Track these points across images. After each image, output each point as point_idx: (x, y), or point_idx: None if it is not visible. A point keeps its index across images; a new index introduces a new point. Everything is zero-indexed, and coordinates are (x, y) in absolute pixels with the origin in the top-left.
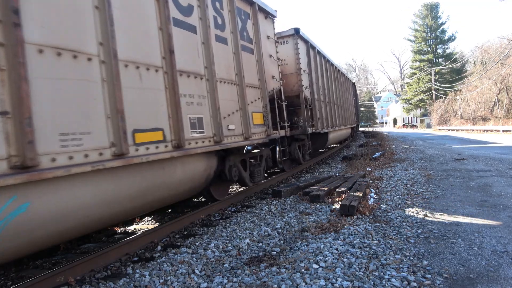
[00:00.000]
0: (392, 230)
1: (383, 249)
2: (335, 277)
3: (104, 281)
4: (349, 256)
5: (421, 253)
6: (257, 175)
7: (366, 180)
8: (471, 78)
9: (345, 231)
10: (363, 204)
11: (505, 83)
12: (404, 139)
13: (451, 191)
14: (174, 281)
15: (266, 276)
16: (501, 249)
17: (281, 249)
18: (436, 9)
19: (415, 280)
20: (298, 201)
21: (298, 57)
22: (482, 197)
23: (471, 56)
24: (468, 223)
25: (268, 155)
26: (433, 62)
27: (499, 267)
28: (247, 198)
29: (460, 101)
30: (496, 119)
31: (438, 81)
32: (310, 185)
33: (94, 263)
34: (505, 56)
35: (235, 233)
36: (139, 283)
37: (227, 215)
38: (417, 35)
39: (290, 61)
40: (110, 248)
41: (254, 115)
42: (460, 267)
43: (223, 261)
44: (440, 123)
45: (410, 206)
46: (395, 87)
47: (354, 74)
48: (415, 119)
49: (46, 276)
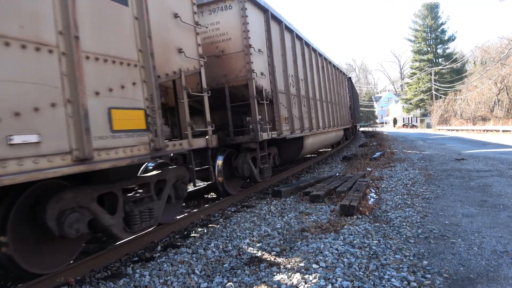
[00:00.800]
0: (392, 230)
1: (383, 249)
2: (335, 277)
3: (104, 281)
4: (349, 256)
5: (421, 253)
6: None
7: (366, 180)
8: (471, 78)
9: (345, 231)
10: (363, 204)
11: (505, 83)
12: (404, 139)
13: (451, 191)
14: (174, 281)
15: (266, 276)
16: (501, 249)
17: (281, 249)
18: (436, 9)
19: (415, 280)
20: (298, 201)
21: (246, 28)
22: (482, 197)
23: (471, 56)
24: (468, 223)
25: (179, 177)
26: (433, 62)
27: (499, 267)
28: (247, 198)
29: (460, 101)
30: (496, 119)
31: (438, 81)
32: (310, 185)
33: (94, 263)
34: (505, 56)
35: (235, 233)
36: (139, 283)
37: (227, 215)
38: (417, 35)
39: (234, 34)
40: (110, 248)
41: (118, 114)
42: (460, 267)
43: (223, 261)
44: (440, 123)
45: (410, 206)
46: (395, 87)
47: (354, 74)
48: (415, 119)
49: (46, 276)
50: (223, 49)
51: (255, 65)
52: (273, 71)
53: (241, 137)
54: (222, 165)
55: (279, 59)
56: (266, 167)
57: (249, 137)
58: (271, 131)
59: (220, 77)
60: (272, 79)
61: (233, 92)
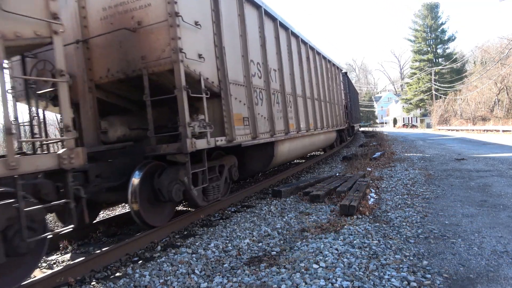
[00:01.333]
0: (392, 230)
1: (383, 249)
2: (335, 277)
3: (104, 281)
4: (349, 256)
5: (421, 253)
6: None
7: (366, 180)
8: (471, 78)
9: (345, 231)
10: (363, 204)
11: (505, 83)
12: (404, 139)
13: (451, 191)
14: (174, 281)
15: (266, 276)
16: (501, 249)
17: (281, 249)
18: (436, 9)
19: (415, 280)
20: (298, 201)
21: None
22: (482, 197)
23: (471, 56)
24: (468, 223)
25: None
26: (433, 62)
27: (499, 267)
28: (247, 198)
29: (460, 101)
30: (496, 119)
31: (438, 81)
32: (310, 185)
33: (94, 263)
34: (505, 56)
35: (235, 233)
36: (139, 283)
37: (227, 215)
38: (417, 35)
39: None
40: (110, 248)
41: None
42: (460, 267)
43: (223, 261)
44: (440, 123)
45: (410, 206)
46: (395, 87)
47: (354, 74)
48: (415, 119)
49: (46, 276)
50: (141, 19)
51: (187, 43)
52: (222, 55)
53: (165, 146)
54: (140, 185)
55: (235, 40)
56: (214, 186)
57: (175, 147)
58: (217, 136)
59: (137, 61)
60: (220, 65)
61: (156, 81)
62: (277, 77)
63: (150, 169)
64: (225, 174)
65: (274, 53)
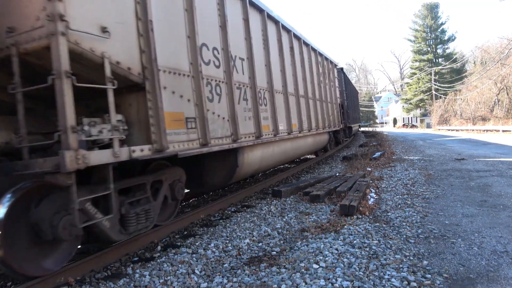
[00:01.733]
0: (392, 230)
1: (383, 249)
2: (335, 277)
3: (104, 281)
4: (349, 256)
5: (421, 253)
6: None
7: (366, 180)
8: (471, 78)
9: (345, 231)
10: (363, 204)
11: (505, 83)
12: (404, 139)
13: (451, 191)
14: (174, 281)
15: (266, 276)
16: (501, 249)
17: (281, 249)
18: (436, 9)
19: (415, 280)
20: (298, 201)
21: None
22: (482, 197)
23: (471, 56)
24: (468, 223)
25: None
26: (433, 62)
27: (499, 267)
28: (247, 198)
29: (460, 101)
30: (496, 119)
31: (438, 81)
32: (310, 185)
33: (94, 263)
34: (505, 56)
35: (235, 233)
36: (139, 283)
37: (227, 215)
38: (417, 35)
39: None
40: (110, 248)
41: None
42: (460, 267)
43: (223, 261)
44: (440, 123)
45: (410, 206)
46: (395, 87)
47: (354, 74)
48: (415, 119)
49: (46, 276)
50: None
51: (78, 8)
52: (148, 31)
53: (41, 160)
54: (6, 221)
55: (174, 15)
56: (140, 211)
57: (52, 163)
58: (139, 143)
59: (3, 34)
60: (145, 45)
61: (38, 65)
62: (245, 68)
63: (27, 194)
64: (164, 193)
65: (242, 38)
